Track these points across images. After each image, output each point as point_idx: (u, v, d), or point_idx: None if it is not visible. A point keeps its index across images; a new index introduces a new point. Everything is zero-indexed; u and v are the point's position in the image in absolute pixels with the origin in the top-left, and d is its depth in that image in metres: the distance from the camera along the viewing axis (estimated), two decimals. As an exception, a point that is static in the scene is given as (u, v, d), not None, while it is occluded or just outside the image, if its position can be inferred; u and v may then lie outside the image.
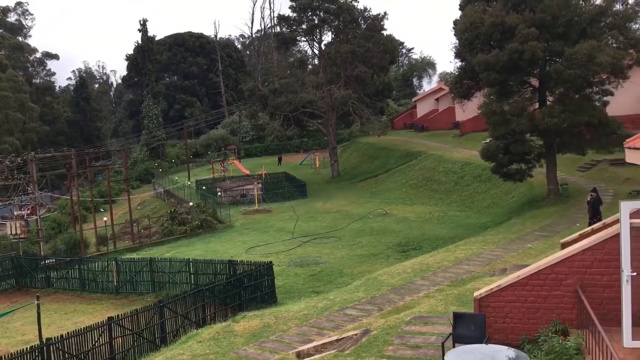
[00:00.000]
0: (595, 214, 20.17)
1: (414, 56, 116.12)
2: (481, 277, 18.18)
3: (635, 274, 8.58)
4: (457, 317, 10.13)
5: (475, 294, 10.58)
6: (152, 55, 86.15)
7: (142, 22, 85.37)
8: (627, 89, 34.42)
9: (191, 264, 25.68)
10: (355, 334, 13.23)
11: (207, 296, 21.13)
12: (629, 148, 9.20)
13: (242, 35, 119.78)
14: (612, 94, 29.50)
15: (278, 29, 64.44)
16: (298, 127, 61.08)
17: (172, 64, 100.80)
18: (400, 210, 39.99)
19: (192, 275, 25.44)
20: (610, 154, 31.85)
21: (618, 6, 31.78)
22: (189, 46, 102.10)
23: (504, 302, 10.17)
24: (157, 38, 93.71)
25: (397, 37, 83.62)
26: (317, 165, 66.60)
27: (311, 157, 70.86)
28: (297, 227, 37.50)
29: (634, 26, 34.25)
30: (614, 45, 28.88)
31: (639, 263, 9.08)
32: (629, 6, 31.79)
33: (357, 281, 21.24)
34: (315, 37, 59.73)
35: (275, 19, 68.17)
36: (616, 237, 9.28)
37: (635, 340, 8.57)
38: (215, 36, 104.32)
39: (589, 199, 21.34)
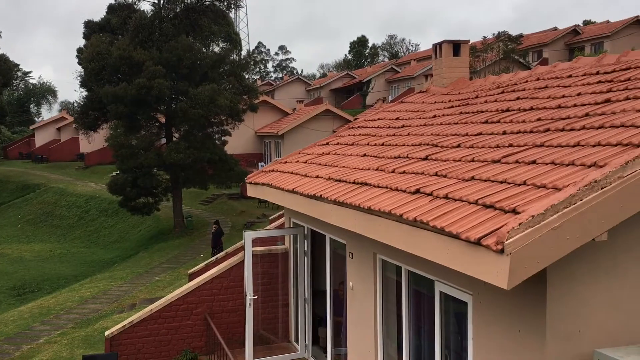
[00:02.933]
0: (216, 245, 21.67)
1: (32, 81, 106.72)
2: (110, 315, 17.53)
3: (256, 297, 9.47)
4: (87, 361, 9.49)
5: (107, 333, 10.10)
6: None
7: None
8: (242, 130, 38.52)
9: None
10: (-42, 400, 11.11)
11: None
12: (250, 183, 10.20)
13: None
14: (229, 134, 32.51)
15: None
16: None
17: None
18: (15, 249, 35.71)
19: None
20: (229, 189, 34.93)
21: (234, 56, 35.50)
22: None
23: (137, 337, 9.97)
24: None
25: (11, 59, 75.40)
26: None
27: None
28: None
29: (248, 75, 38.74)
30: (232, 90, 32.03)
31: (258, 287, 10.08)
32: (242, 57, 35.71)
33: (-41, 336, 18.00)
34: None
35: None
36: (240, 264, 10.12)
37: (256, 359, 9.41)
38: None
39: (212, 231, 22.81)
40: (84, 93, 32.12)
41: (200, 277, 10.51)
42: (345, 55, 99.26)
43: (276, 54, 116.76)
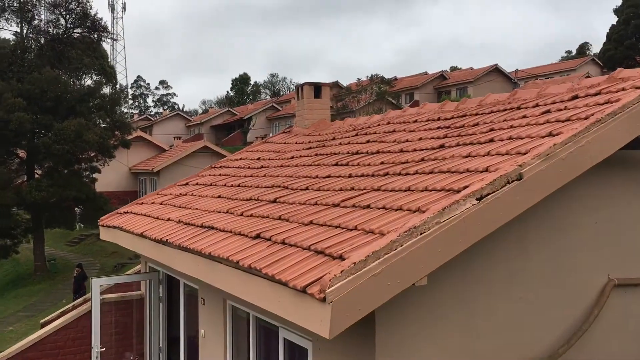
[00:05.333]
0: (79, 290, 20.26)
1: None
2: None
3: (104, 349, 8.82)
4: None
5: None
6: None
7: None
8: (116, 167, 36.89)
9: None
10: None
11: None
12: (102, 226, 9.62)
13: None
14: (99, 171, 30.94)
15: None
16: None
17: None
18: None
19: None
20: (98, 228, 33.04)
21: (106, 90, 34.09)
22: None
23: (-34, 402, 8.90)
24: None
25: None
26: None
27: None
28: None
29: (121, 109, 37.32)
30: (102, 125, 30.64)
31: (110, 337, 9.44)
32: (114, 91, 34.41)
33: None
34: None
35: None
36: (89, 313, 9.41)
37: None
38: None
39: (75, 275, 21.37)
40: None
41: (44, 328, 9.65)
42: (227, 92, 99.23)
43: (157, 88, 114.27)
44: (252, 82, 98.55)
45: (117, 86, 42.71)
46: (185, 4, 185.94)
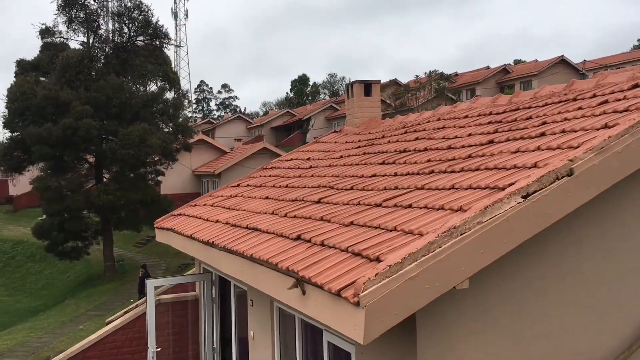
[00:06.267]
0: (143, 290, 20.81)
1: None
2: (22, 370, 16.46)
3: (159, 349, 8.98)
4: None
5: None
6: None
7: None
8: (180, 170, 37.90)
9: None
10: None
11: None
12: (157, 228, 9.80)
13: None
14: (163, 174, 31.80)
15: None
16: None
17: None
18: None
19: None
20: (163, 230, 33.97)
21: (169, 95, 35.01)
22: None
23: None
24: None
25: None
26: None
27: None
28: None
29: (184, 113, 38.20)
30: (165, 129, 31.47)
31: (167, 337, 9.61)
32: (176, 95, 35.25)
33: None
34: None
35: None
36: (145, 314, 9.61)
37: (162, 414, 8.88)
38: None
39: (140, 275, 22.04)
40: (8, 134, 30.92)
41: (104, 328, 9.93)
42: (287, 93, 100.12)
43: (219, 92, 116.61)
44: (311, 83, 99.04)
45: (180, 91, 43.90)
46: (245, 7, 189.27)
